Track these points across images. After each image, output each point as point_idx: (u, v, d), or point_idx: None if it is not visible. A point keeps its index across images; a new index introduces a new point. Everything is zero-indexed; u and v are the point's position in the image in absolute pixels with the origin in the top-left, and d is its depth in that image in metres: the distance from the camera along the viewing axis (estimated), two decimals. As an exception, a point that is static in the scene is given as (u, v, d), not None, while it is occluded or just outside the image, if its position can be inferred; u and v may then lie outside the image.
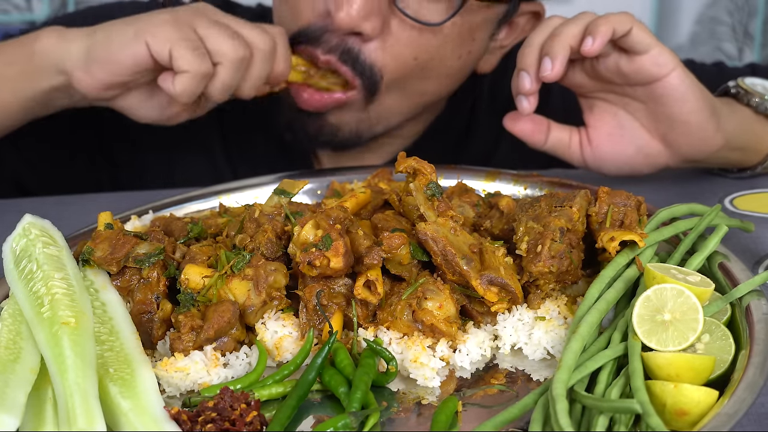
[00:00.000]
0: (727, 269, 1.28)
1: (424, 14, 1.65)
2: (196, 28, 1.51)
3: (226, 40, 1.51)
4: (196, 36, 1.51)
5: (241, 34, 1.53)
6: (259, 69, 1.56)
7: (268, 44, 1.56)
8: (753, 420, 1.09)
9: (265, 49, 1.56)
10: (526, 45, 1.53)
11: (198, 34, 1.51)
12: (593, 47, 1.45)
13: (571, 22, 1.49)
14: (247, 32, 1.54)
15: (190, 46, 1.49)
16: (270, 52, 1.56)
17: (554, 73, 1.48)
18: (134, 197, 1.70)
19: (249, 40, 1.54)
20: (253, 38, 1.54)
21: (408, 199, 1.33)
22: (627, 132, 1.59)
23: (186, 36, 1.50)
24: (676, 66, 1.51)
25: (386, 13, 1.64)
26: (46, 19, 3.25)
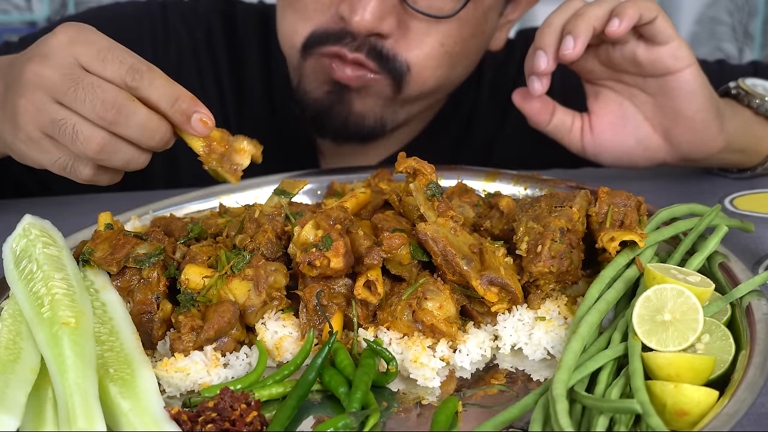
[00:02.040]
0: (728, 269, 1.28)
1: (437, 4, 1.65)
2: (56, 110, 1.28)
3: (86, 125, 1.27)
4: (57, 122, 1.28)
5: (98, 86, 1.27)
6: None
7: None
8: (753, 420, 1.09)
9: None
10: (546, 24, 1.52)
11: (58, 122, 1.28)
12: (619, 29, 1.44)
13: (595, 4, 1.48)
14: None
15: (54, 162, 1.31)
16: None
17: (575, 52, 1.46)
18: (134, 197, 1.70)
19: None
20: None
21: (408, 200, 1.33)
22: (630, 123, 1.59)
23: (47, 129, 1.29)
24: (692, 62, 1.51)
25: (400, 10, 1.65)
26: (48, 21, 3.26)
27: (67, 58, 1.28)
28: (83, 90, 1.26)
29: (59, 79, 1.27)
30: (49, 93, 1.28)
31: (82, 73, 1.27)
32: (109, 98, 1.25)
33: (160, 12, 1.99)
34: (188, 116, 1.28)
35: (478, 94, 2.05)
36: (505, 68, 2.05)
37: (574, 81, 1.67)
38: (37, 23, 3.31)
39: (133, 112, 1.26)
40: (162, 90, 1.27)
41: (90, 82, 1.26)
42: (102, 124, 1.26)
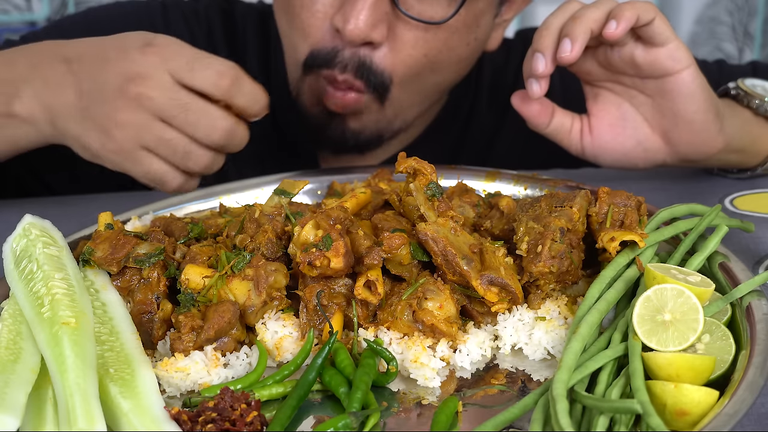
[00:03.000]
0: (728, 269, 1.28)
1: (427, 11, 1.65)
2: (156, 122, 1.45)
3: (204, 126, 1.45)
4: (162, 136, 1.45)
5: (193, 101, 1.45)
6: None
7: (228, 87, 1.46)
8: (753, 420, 1.09)
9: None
10: (544, 27, 1.52)
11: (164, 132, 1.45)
12: (617, 31, 1.44)
13: (592, 6, 1.48)
14: (203, 83, 1.45)
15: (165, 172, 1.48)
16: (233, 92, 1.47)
17: (573, 55, 1.46)
18: (134, 197, 1.70)
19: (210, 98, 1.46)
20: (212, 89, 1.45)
21: (408, 200, 1.33)
22: (629, 124, 1.59)
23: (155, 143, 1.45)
24: (690, 64, 1.50)
25: (391, 18, 1.64)
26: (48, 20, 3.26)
27: (165, 78, 1.43)
28: (194, 115, 1.43)
29: (166, 102, 1.43)
30: (155, 113, 1.43)
31: (186, 95, 1.43)
32: (222, 126, 1.45)
33: (160, 11, 2.00)
34: (262, 113, 1.51)
35: (477, 94, 2.05)
36: (504, 69, 2.05)
37: (574, 83, 1.67)
38: (37, 23, 3.30)
39: (238, 134, 1.48)
40: (250, 96, 1.47)
41: (199, 107, 1.43)
42: (213, 146, 1.48)
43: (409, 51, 1.67)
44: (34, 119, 1.52)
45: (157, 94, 1.42)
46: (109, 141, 1.46)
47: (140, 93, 1.43)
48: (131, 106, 1.43)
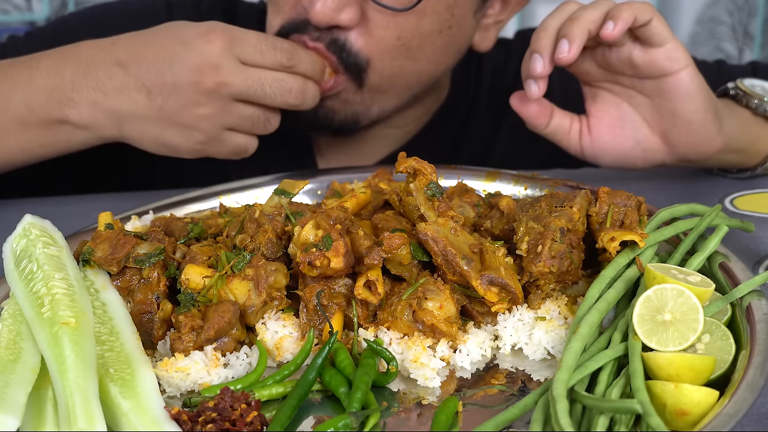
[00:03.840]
0: (728, 269, 1.28)
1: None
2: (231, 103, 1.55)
3: (276, 94, 1.57)
4: (235, 115, 1.57)
5: (267, 69, 1.57)
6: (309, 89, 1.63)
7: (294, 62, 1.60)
8: (753, 420, 1.09)
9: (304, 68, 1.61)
10: (541, 28, 1.52)
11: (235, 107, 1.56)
12: (614, 32, 1.44)
13: (590, 7, 1.48)
14: (271, 60, 1.57)
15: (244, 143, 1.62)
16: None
17: (570, 55, 1.46)
18: (134, 197, 1.70)
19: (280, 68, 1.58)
20: (281, 62, 1.58)
21: (408, 200, 1.33)
22: (628, 125, 1.59)
23: (233, 122, 1.57)
24: (688, 64, 1.51)
25: (361, 1, 1.65)
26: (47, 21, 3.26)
27: (234, 62, 1.52)
28: (270, 86, 1.56)
29: (243, 84, 1.53)
30: (233, 97, 1.54)
31: (257, 71, 1.55)
32: (296, 88, 1.58)
33: (164, 9, 2.01)
34: (323, 73, 1.66)
35: (477, 94, 2.05)
36: (503, 69, 2.05)
37: (574, 84, 1.67)
38: (37, 23, 3.30)
39: (310, 91, 1.62)
40: (308, 61, 1.61)
41: (272, 78, 1.56)
42: (289, 108, 1.61)
43: (381, 33, 1.67)
44: (95, 125, 1.57)
45: (233, 80, 1.52)
46: (193, 134, 1.56)
47: (218, 82, 1.51)
48: (211, 98, 1.52)
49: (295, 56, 1.58)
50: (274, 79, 1.56)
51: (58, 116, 1.56)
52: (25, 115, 1.58)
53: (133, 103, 1.54)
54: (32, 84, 1.57)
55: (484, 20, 1.85)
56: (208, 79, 1.51)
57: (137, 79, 1.53)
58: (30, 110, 1.57)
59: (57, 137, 1.59)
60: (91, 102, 1.55)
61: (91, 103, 1.55)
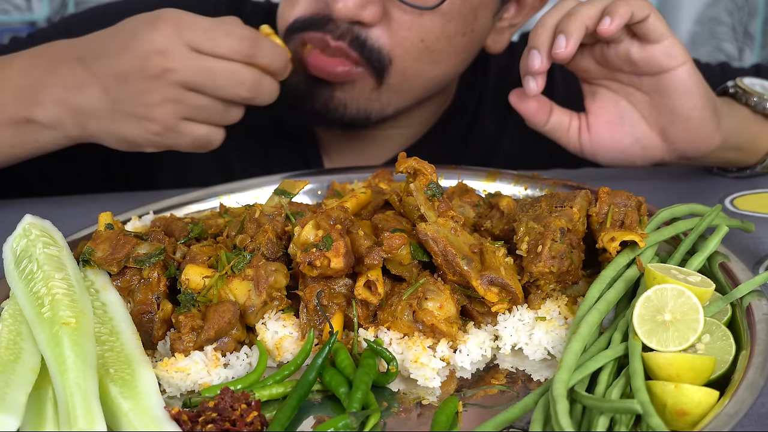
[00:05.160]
0: (728, 269, 1.28)
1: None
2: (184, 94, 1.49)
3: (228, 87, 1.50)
4: (192, 105, 1.50)
5: (221, 59, 1.49)
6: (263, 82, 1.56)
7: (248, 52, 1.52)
8: (753, 420, 1.09)
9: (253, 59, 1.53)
10: (539, 24, 1.52)
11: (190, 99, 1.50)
12: (610, 28, 1.44)
13: (587, 3, 1.49)
14: (225, 49, 1.50)
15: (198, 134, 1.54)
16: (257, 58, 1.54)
17: (567, 51, 1.47)
18: (135, 198, 1.70)
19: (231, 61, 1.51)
20: (233, 53, 1.51)
21: (408, 200, 1.33)
22: (627, 122, 1.59)
23: (186, 113, 1.51)
24: (686, 60, 1.51)
25: (384, 0, 1.65)
26: (48, 21, 3.26)
27: (183, 48, 1.46)
28: (220, 77, 1.48)
29: (190, 72, 1.46)
30: (183, 85, 1.46)
31: (207, 60, 1.47)
32: (249, 79, 1.50)
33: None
34: (287, 68, 1.59)
35: (482, 95, 2.05)
36: (508, 70, 2.06)
37: (576, 82, 1.67)
38: (37, 23, 3.30)
39: (265, 85, 1.53)
40: (269, 53, 1.53)
41: (223, 68, 1.48)
42: (242, 101, 1.53)
43: (404, 33, 1.67)
44: (59, 123, 1.54)
45: (179, 66, 1.46)
46: (148, 124, 1.50)
47: (163, 68, 1.45)
48: (159, 85, 1.46)
49: (257, 45, 1.51)
50: (226, 69, 1.48)
51: (25, 115, 1.54)
52: None
53: (91, 98, 1.51)
54: (3, 84, 1.56)
55: (499, 23, 1.85)
56: (154, 65, 1.45)
57: (94, 74, 1.51)
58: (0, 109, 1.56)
59: (25, 137, 1.57)
60: (55, 100, 1.53)
61: (56, 101, 1.53)
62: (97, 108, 1.51)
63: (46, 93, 1.53)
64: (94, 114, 1.52)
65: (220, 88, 1.49)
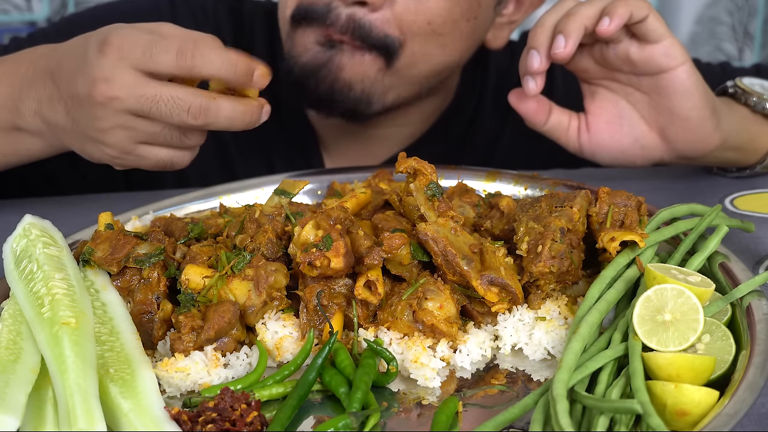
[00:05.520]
0: (728, 269, 1.28)
1: None
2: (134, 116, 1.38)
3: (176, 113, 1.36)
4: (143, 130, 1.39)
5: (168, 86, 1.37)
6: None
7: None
8: (753, 420, 1.09)
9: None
10: (538, 24, 1.53)
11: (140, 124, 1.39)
12: (609, 28, 1.45)
13: (587, 3, 1.49)
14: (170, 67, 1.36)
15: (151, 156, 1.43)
16: None
17: (566, 51, 1.47)
18: (134, 197, 1.70)
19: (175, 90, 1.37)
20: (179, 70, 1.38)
21: (408, 200, 1.33)
22: (626, 122, 1.60)
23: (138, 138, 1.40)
24: (685, 60, 1.51)
25: None
26: (48, 21, 3.26)
27: (127, 75, 1.35)
28: (165, 105, 1.35)
29: (134, 101, 1.35)
30: (131, 113, 1.37)
31: (152, 87, 1.35)
32: (194, 106, 1.35)
33: (169, 8, 2.00)
34: (250, 76, 1.38)
35: (482, 96, 2.05)
36: (509, 70, 2.06)
37: (577, 82, 1.67)
38: (37, 23, 3.30)
39: (218, 108, 1.37)
40: (217, 63, 1.34)
41: (168, 95, 1.35)
42: (194, 128, 1.40)
43: (411, 17, 1.68)
44: (41, 133, 1.52)
45: (123, 94, 1.36)
46: (105, 148, 1.43)
47: (108, 97, 1.36)
48: (106, 113, 1.38)
49: (199, 56, 1.34)
50: (170, 96, 1.35)
51: (13, 125, 1.52)
52: None
53: (57, 113, 1.46)
54: None
55: (499, 19, 1.86)
56: (99, 93, 1.36)
57: (59, 90, 1.45)
58: None
59: (16, 145, 1.55)
60: (32, 111, 1.49)
61: (33, 112, 1.49)
62: (63, 125, 1.46)
63: (24, 104, 1.49)
64: (63, 129, 1.47)
65: (165, 115, 1.37)
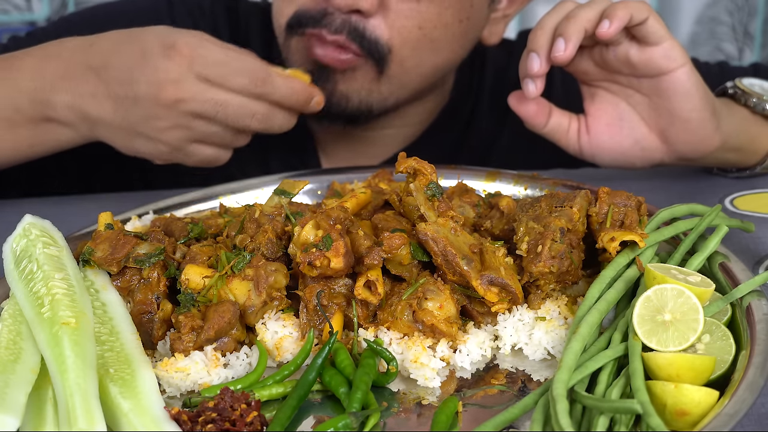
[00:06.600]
0: (728, 269, 1.28)
1: None
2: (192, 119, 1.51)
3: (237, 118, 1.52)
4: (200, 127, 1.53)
5: (231, 87, 1.51)
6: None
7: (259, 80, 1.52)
8: (753, 420, 1.09)
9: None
10: (538, 27, 1.53)
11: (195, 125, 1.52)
12: (609, 31, 1.45)
13: (586, 6, 1.49)
14: (234, 79, 1.51)
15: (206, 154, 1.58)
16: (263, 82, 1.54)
17: (566, 54, 1.47)
18: (134, 198, 1.70)
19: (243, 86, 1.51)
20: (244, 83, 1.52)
21: (408, 200, 1.33)
22: (626, 124, 1.60)
23: (193, 136, 1.54)
24: (685, 62, 1.51)
25: None
26: (48, 21, 3.26)
27: (195, 79, 1.48)
28: (233, 110, 1.51)
29: (201, 105, 1.49)
30: (195, 114, 1.50)
31: (221, 93, 1.49)
32: (259, 114, 1.53)
33: (166, 8, 2.01)
34: (308, 103, 1.58)
35: (479, 96, 2.05)
36: (506, 70, 2.06)
37: (576, 84, 1.67)
38: (37, 23, 3.30)
39: (276, 119, 1.56)
40: (283, 91, 1.53)
41: (235, 102, 1.50)
42: (252, 132, 1.57)
43: (402, 21, 1.68)
44: (74, 125, 1.57)
45: (191, 97, 1.48)
46: (158, 145, 1.54)
47: (175, 99, 1.48)
48: (171, 114, 1.49)
49: (267, 85, 1.52)
50: (236, 104, 1.50)
51: (43, 116, 1.57)
52: (12, 116, 1.58)
53: (102, 109, 1.53)
54: (16, 86, 1.57)
55: (493, 14, 1.86)
56: (166, 95, 1.48)
57: (106, 86, 1.52)
58: (16, 111, 1.58)
59: (45, 136, 1.60)
60: (67, 104, 1.54)
61: (68, 105, 1.54)
62: (109, 120, 1.54)
63: (57, 96, 1.55)
64: (106, 124, 1.55)
65: (230, 119, 1.51)
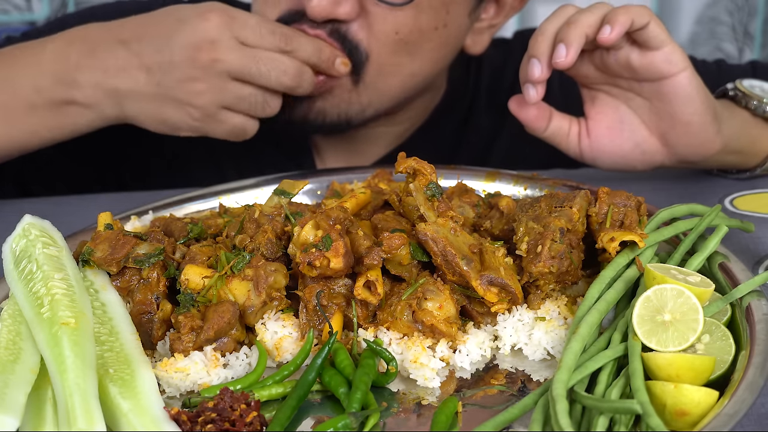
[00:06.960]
0: (728, 269, 1.28)
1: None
2: (229, 80, 1.56)
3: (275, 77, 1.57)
4: (237, 91, 1.57)
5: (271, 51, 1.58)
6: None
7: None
8: (753, 420, 1.09)
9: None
10: (539, 32, 1.52)
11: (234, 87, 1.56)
12: (610, 36, 1.45)
13: (587, 11, 1.49)
14: (273, 42, 1.58)
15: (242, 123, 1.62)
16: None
17: (568, 60, 1.47)
18: (134, 198, 1.70)
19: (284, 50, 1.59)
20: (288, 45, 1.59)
21: (408, 200, 1.33)
22: (626, 127, 1.60)
23: (232, 101, 1.58)
24: (686, 66, 1.51)
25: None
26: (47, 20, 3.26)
27: (231, 40, 1.54)
28: (265, 65, 1.56)
29: (238, 60, 1.54)
30: (229, 74, 1.55)
31: (253, 50, 1.56)
32: (292, 69, 1.58)
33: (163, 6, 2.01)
34: (333, 62, 1.65)
35: (476, 95, 2.05)
36: (503, 69, 2.06)
37: (574, 87, 1.67)
38: (36, 23, 3.30)
39: (306, 76, 1.61)
40: (310, 49, 1.61)
41: (268, 57, 1.56)
42: (284, 90, 1.61)
43: (379, 26, 1.68)
44: (97, 104, 1.60)
45: (228, 56, 1.53)
46: (190, 110, 1.57)
47: (213, 58, 1.53)
48: (207, 73, 1.54)
49: (294, 42, 1.59)
50: (270, 58, 1.56)
51: (65, 98, 1.59)
52: (33, 98, 1.60)
53: (133, 81, 1.57)
54: (39, 68, 1.60)
55: (478, 24, 1.85)
56: (204, 55, 1.53)
57: (138, 57, 1.56)
58: (37, 93, 1.60)
59: (64, 120, 1.62)
60: (94, 82, 1.58)
61: (94, 83, 1.58)
62: (139, 91, 1.57)
63: (83, 75, 1.58)
64: (136, 96, 1.58)
65: (264, 75, 1.56)
